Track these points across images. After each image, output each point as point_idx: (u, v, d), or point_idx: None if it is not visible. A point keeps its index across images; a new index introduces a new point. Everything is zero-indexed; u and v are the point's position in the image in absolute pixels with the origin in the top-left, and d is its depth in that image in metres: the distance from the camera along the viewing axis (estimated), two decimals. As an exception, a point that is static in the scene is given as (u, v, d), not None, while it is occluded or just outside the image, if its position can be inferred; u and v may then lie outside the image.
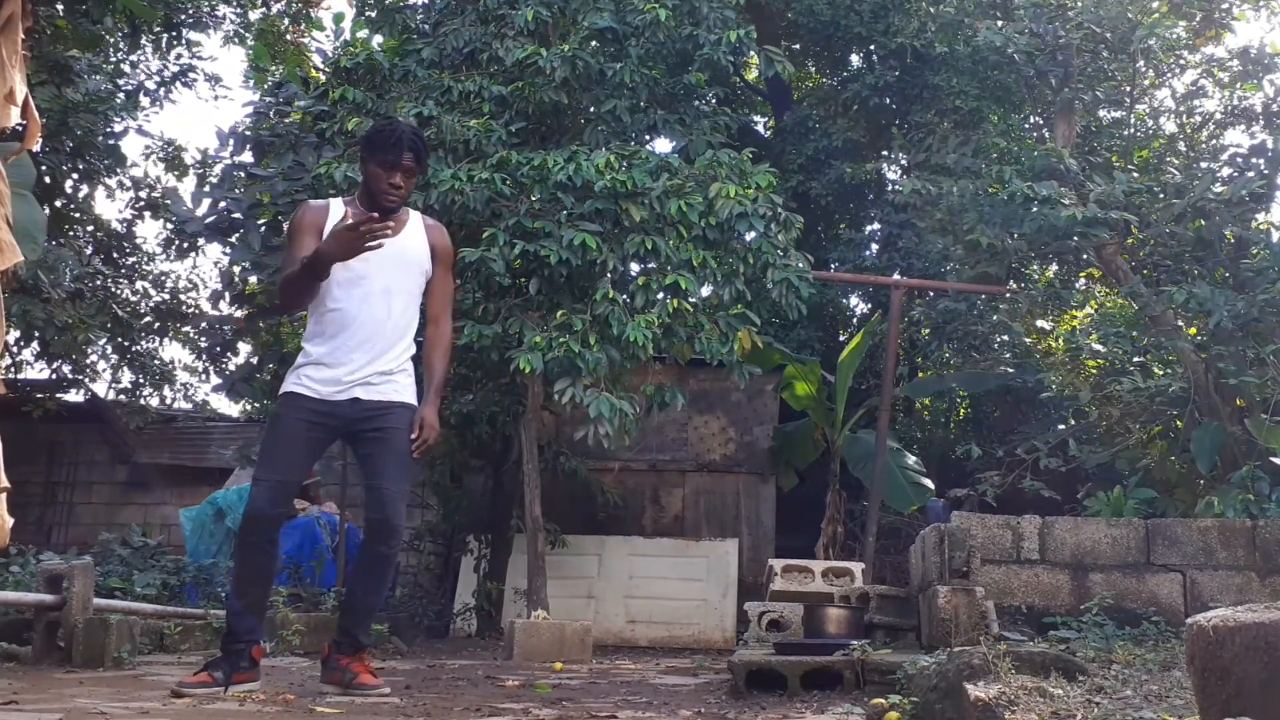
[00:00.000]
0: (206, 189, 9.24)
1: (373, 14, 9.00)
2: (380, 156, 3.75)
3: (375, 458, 3.69)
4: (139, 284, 11.95)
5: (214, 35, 11.64)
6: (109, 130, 10.15)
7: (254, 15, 12.63)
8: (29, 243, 2.72)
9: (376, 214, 3.55)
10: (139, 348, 11.42)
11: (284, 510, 3.76)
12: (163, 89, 11.15)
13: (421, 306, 3.89)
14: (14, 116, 2.63)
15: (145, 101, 11.10)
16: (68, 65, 9.10)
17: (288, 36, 12.93)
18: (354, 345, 3.68)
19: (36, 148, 2.71)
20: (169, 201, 11.12)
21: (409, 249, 3.81)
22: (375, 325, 3.70)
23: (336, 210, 3.80)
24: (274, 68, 11.69)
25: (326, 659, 3.79)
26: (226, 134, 8.61)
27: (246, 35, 12.54)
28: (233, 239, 8.27)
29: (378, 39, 8.35)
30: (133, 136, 14.00)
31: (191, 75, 11.33)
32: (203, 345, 11.57)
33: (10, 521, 2.14)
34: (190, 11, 9.80)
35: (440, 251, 3.91)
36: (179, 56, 11.22)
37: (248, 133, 8.55)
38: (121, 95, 10.42)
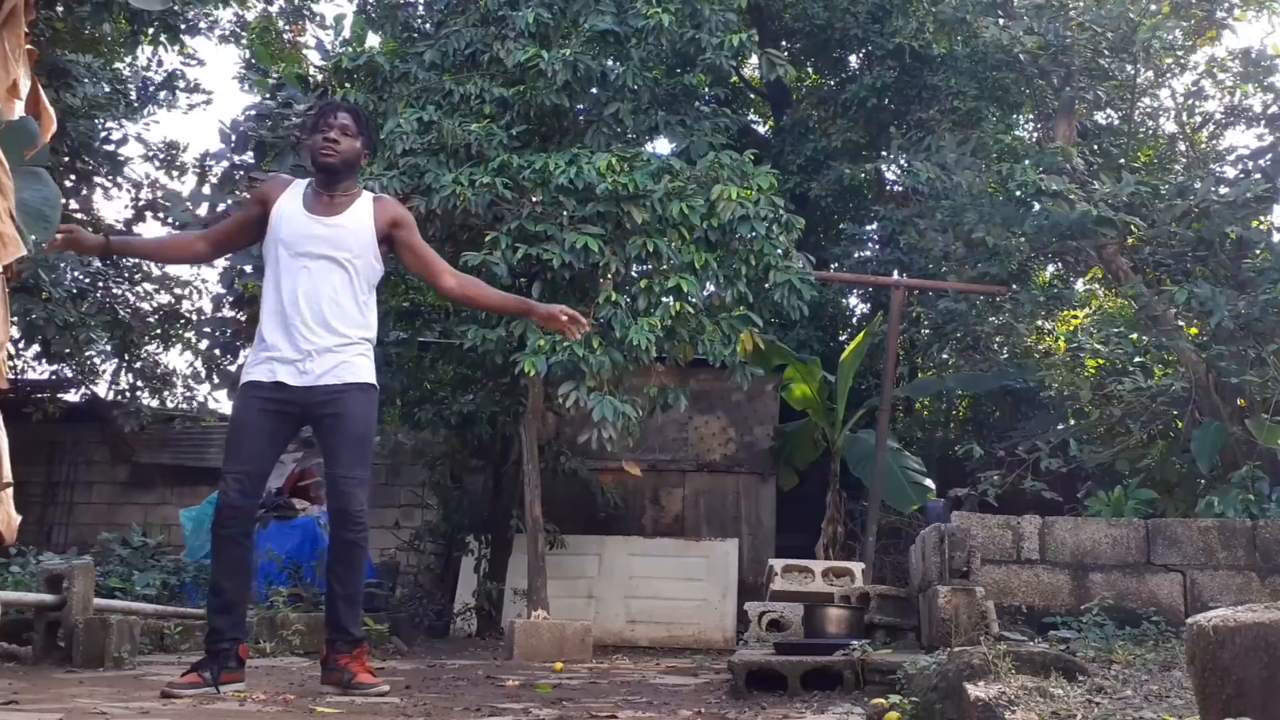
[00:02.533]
0: (206, 189, 9.24)
1: (373, 15, 9.00)
2: (314, 125, 3.88)
3: (331, 445, 3.73)
4: (140, 286, 11.93)
5: (211, 37, 11.63)
6: (106, 136, 10.15)
7: (250, 16, 12.63)
8: (42, 223, 2.70)
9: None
10: (140, 352, 11.39)
11: (255, 500, 3.77)
12: (152, 94, 11.14)
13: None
14: (17, 110, 2.62)
15: (143, 105, 11.09)
16: (66, 70, 9.10)
17: (285, 36, 12.91)
18: (299, 327, 3.69)
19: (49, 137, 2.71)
20: (168, 204, 11.11)
21: (351, 228, 3.80)
22: (319, 306, 3.70)
23: (295, 190, 3.85)
24: (274, 69, 11.68)
25: (325, 659, 3.79)
26: (228, 133, 8.60)
27: (242, 35, 12.54)
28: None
29: (373, 39, 8.33)
30: (132, 145, 13.97)
31: (178, 85, 11.33)
32: (202, 349, 11.55)
33: (18, 519, 2.14)
34: (189, 15, 9.79)
35: (395, 217, 3.91)
36: (160, 64, 11.26)
37: (249, 133, 8.55)
38: (120, 99, 10.39)
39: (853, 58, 11.95)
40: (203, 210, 8.43)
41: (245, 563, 3.75)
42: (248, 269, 8.55)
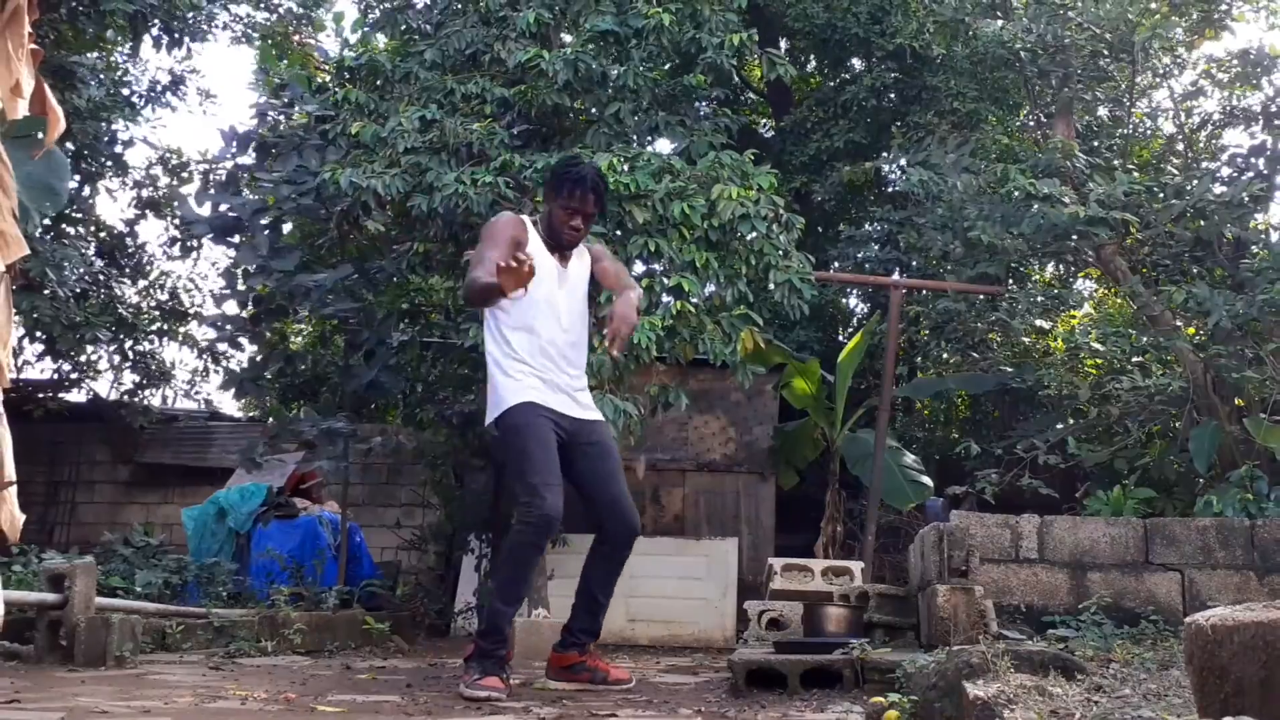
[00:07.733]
0: (211, 190, 9.22)
1: (374, 15, 9.01)
2: (564, 200, 4.09)
3: (601, 471, 4.13)
4: (141, 283, 11.97)
5: (217, 39, 11.66)
6: (111, 137, 10.16)
7: (260, 17, 12.63)
8: (50, 195, 2.71)
9: (525, 256, 3.65)
10: (141, 348, 11.41)
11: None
12: (157, 94, 11.15)
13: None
14: (21, 109, 2.63)
15: (146, 109, 11.11)
16: (70, 71, 9.11)
17: (295, 38, 12.92)
18: (558, 362, 4.06)
19: (56, 137, 2.72)
20: (175, 203, 11.12)
21: (578, 274, 4.21)
22: (567, 343, 4.10)
23: (534, 233, 4.11)
24: (281, 68, 11.68)
25: (573, 664, 4.17)
26: (231, 135, 8.59)
27: (254, 36, 12.55)
28: (237, 240, 8.26)
29: (375, 39, 8.34)
30: (138, 147, 14.01)
31: (183, 88, 11.35)
32: (204, 345, 11.55)
33: (22, 517, 2.15)
34: (189, 18, 9.79)
35: (595, 254, 4.33)
36: (171, 70, 11.28)
37: (253, 133, 8.54)
38: (123, 100, 10.39)
39: (854, 59, 11.95)
40: (206, 209, 8.42)
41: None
42: (250, 268, 8.53)
